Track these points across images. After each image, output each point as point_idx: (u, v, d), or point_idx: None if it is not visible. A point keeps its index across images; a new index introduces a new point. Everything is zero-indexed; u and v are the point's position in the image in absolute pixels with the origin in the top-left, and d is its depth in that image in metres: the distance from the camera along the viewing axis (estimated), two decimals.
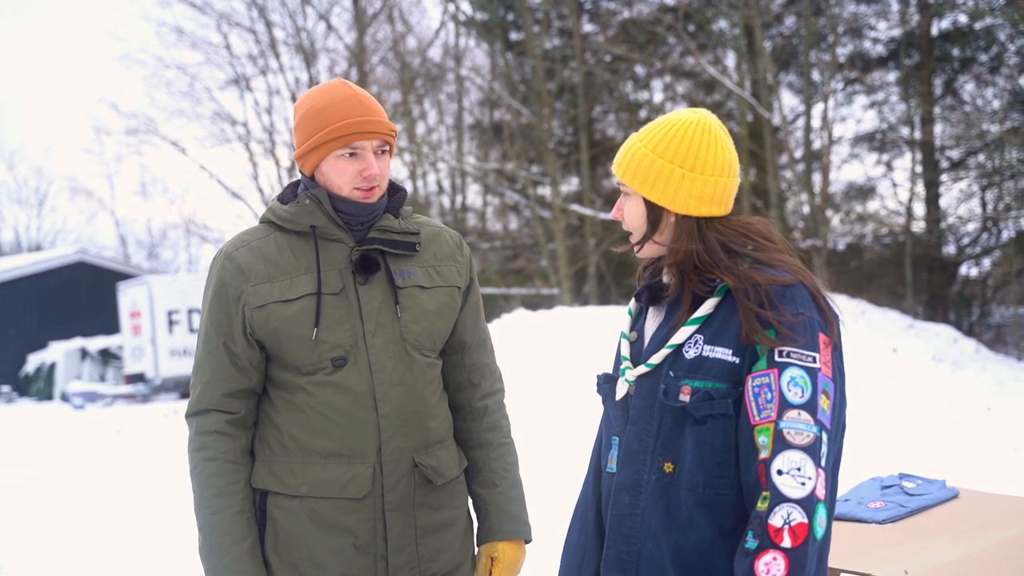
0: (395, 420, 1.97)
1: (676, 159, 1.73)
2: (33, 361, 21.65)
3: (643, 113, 18.50)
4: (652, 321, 1.82)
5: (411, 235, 2.05)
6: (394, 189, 2.10)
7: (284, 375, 1.98)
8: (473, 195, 22.17)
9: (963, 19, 14.99)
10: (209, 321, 1.99)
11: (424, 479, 2.02)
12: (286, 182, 17.18)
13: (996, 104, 13.67)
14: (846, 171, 24.19)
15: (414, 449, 2.00)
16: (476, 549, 2.16)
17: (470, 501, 2.18)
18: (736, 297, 1.66)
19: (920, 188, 15.93)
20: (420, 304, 2.03)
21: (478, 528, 2.16)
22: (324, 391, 1.95)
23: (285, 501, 1.97)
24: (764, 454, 1.58)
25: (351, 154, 1.95)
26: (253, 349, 1.97)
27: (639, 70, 18.35)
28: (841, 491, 2.16)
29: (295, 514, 1.97)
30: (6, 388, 21.40)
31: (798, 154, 16.19)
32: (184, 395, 17.74)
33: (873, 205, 17.36)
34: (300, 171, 2.05)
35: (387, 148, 2.00)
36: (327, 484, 1.95)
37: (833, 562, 1.88)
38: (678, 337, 1.71)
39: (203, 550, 1.97)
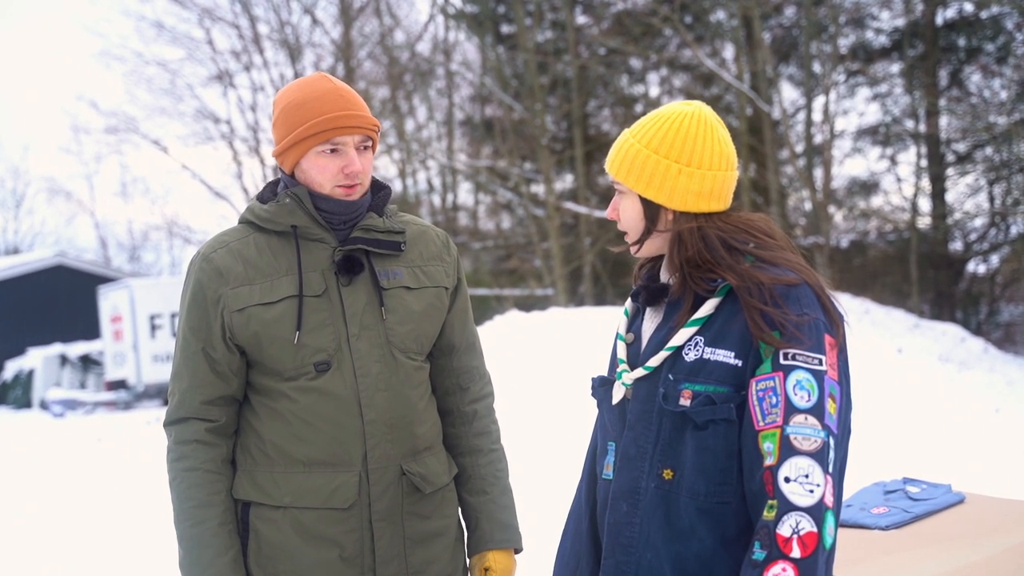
0: (381, 426, 1.94)
1: (672, 154, 1.69)
2: (11, 368, 21.51)
3: (639, 107, 18.46)
4: (650, 322, 1.78)
5: (396, 234, 2.01)
6: (378, 187, 2.07)
7: (265, 381, 1.95)
8: (464, 193, 22.22)
9: (969, 8, 14.99)
10: (187, 326, 1.96)
11: (412, 487, 1.99)
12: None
13: (1003, 95, 13.68)
14: (849, 166, 24.23)
15: (401, 456, 1.97)
16: (467, 559, 2.13)
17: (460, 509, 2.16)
18: (740, 296, 1.62)
19: (925, 183, 15.85)
20: (406, 305, 1.99)
21: (468, 537, 2.13)
22: (307, 397, 1.92)
23: (268, 512, 1.94)
24: (770, 461, 1.55)
25: (332, 150, 1.92)
26: (233, 354, 1.95)
27: (634, 63, 18.30)
28: (844, 496, 2.01)
29: (279, 525, 1.93)
30: None
31: (799, 149, 16.10)
32: (167, 402, 17.52)
33: (877, 201, 17.40)
34: (280, 169, 2.01)
35: (369, 144, 1.97)
36: (311, 494, 1.92)
37: (835, 570, 1.70)
38: (678, 339, 1.67)
39: (183, 564, 1.94)
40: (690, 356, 1.66)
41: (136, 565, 5.53)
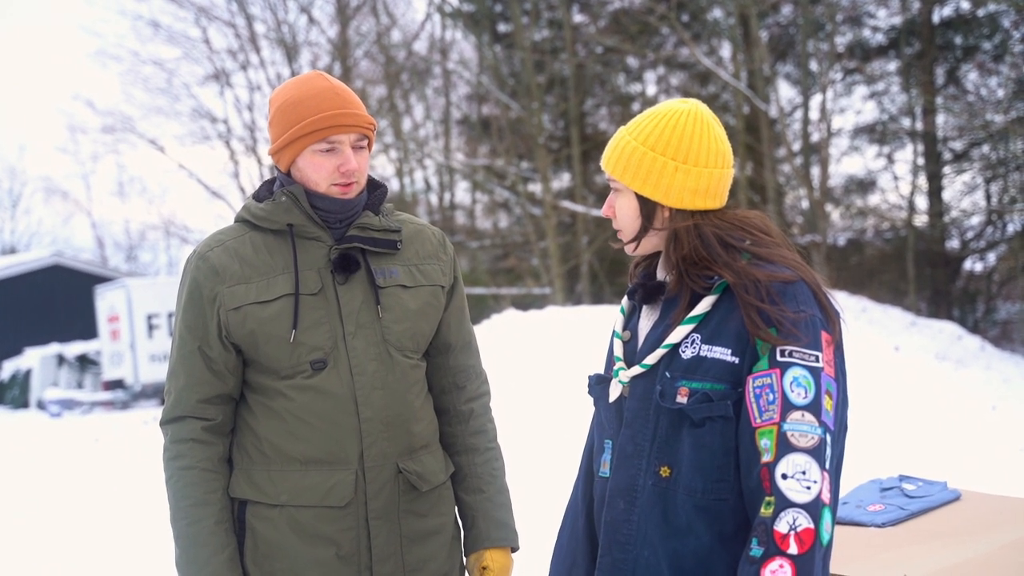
0: (377, 424, 1.94)
1: (668, 151, 1.69)
2: (8, 368, 21.43)
3: (636, 106, 18.35)
4: (646, 320, 1.78)
5: (392, 232, 2.01)
6: (374, 185, 2.07)
7: (262, 379, 1.95)
8: (462, 192, 22.13)
9: (965, 6, 14.94)
10: (183, 324, 1.96)
11: (409, 485, 1.99)
12: None
13: (1000, 93, 13.61)
14: (846, 164, 24.21)
15: (398, 454, 1.97)
16: (464, 558, 2.12)
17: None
18: (737, 293, 1.62)
19: (922, 181, 15.78)
20: (402, 304, 1.99)
21: (465, 536, 2.12)
22: (303, 395, 1.92)
23: (264, 511, 1.93)
24: (767, 457, 1.55)
25: (328, 148, 1.92)
26: (229, 353, 1.94)
27: (631, 62, 18.24)
28: (840, 494, 2.03)
29: (275, 524, 1.93)
30: None
31: (796, 147, 16.07)
32: (164, 401, 17.52)
33: (874, 199, 17.32)
34: (275, 167, 2.01)
35: (365, 142, 1.97)
36: (308, 492, 1.92)
37: (831, 567, 1.70)
38: (674, 336, 1.67)
39: (180, 563, 1.93)
40: (687, 353, 1.66)
41: (134, 564, 5.53)
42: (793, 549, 1.50)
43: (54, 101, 59.56)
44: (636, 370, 1.72)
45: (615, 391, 1.77)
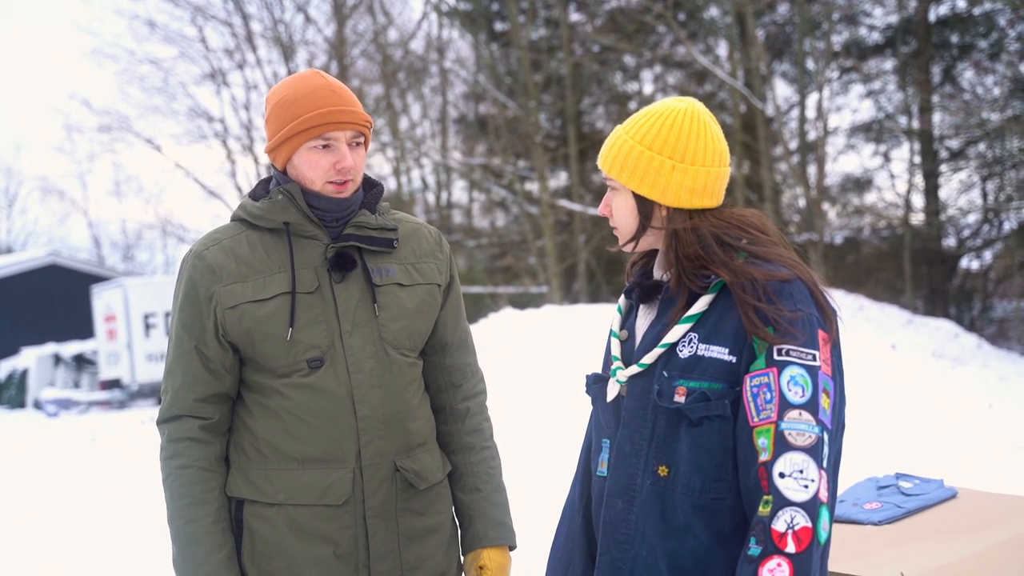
0: (374, 423, 1.94)
1: (665, 150, 1.69)
2: (4, 368, 21.37)
3: (633, 105, 18.40)
4: (643, 319, 1.78)
5: (388, 231, 2.01)
6: (370, 184, 2.07)
7: (259, 378, 1.95)
8: (459, 191, 22.15)
9: (961, 4, 14.98)
10: (180, 323, 1.96)
11: (406, 484, 1.99)
12: None
13: (996, 92, 13.63)
14: (842, 162, 24.24)
15: (395, 453, 1.97)
16: (461, 556, 2.12)
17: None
18: (734, 292, 1.62)
19: (919, 179, 15.82)
20: (399, 302, 1.99)
21: (462, 535, 2.12)
22: (300, 394, 1.92)
23: (262, 509, 1.93)
24: (764, 456, 1.55)
25: (324, 146, 1.92)
26: (226, 351, 1.94)
27: (628, 60, 18.27)
28: (837, 492, 1.97)
29: (272, 523, 1.93)
30: None
31: (793, 145, 16.08)
32: (161, 401, 17.54)
33: (870, 197, 17.40)
34: (272, 165, 2.02)
35: (362, 140, 1.97)
36: (305, 491, 1.92)
37: (829, 565, 1.72)
38: (671, 336, 1.67)
39: (177, 562, 1.93)
40: (684, 353, 1.66)
41: (131, 564, 5.53)
42: (791, 548, 1.50)
43: (50, 100, 59.59)
44: (634, 369, 1.72)
45: (613, 390, 1.77)
